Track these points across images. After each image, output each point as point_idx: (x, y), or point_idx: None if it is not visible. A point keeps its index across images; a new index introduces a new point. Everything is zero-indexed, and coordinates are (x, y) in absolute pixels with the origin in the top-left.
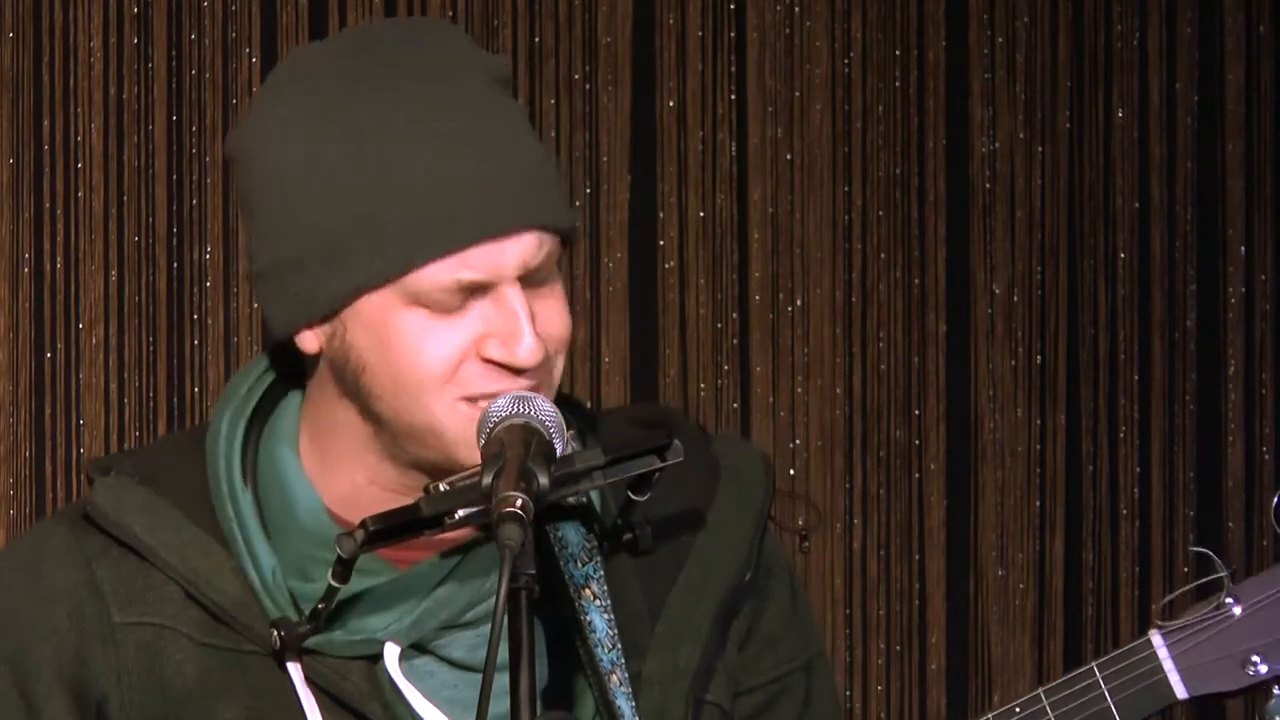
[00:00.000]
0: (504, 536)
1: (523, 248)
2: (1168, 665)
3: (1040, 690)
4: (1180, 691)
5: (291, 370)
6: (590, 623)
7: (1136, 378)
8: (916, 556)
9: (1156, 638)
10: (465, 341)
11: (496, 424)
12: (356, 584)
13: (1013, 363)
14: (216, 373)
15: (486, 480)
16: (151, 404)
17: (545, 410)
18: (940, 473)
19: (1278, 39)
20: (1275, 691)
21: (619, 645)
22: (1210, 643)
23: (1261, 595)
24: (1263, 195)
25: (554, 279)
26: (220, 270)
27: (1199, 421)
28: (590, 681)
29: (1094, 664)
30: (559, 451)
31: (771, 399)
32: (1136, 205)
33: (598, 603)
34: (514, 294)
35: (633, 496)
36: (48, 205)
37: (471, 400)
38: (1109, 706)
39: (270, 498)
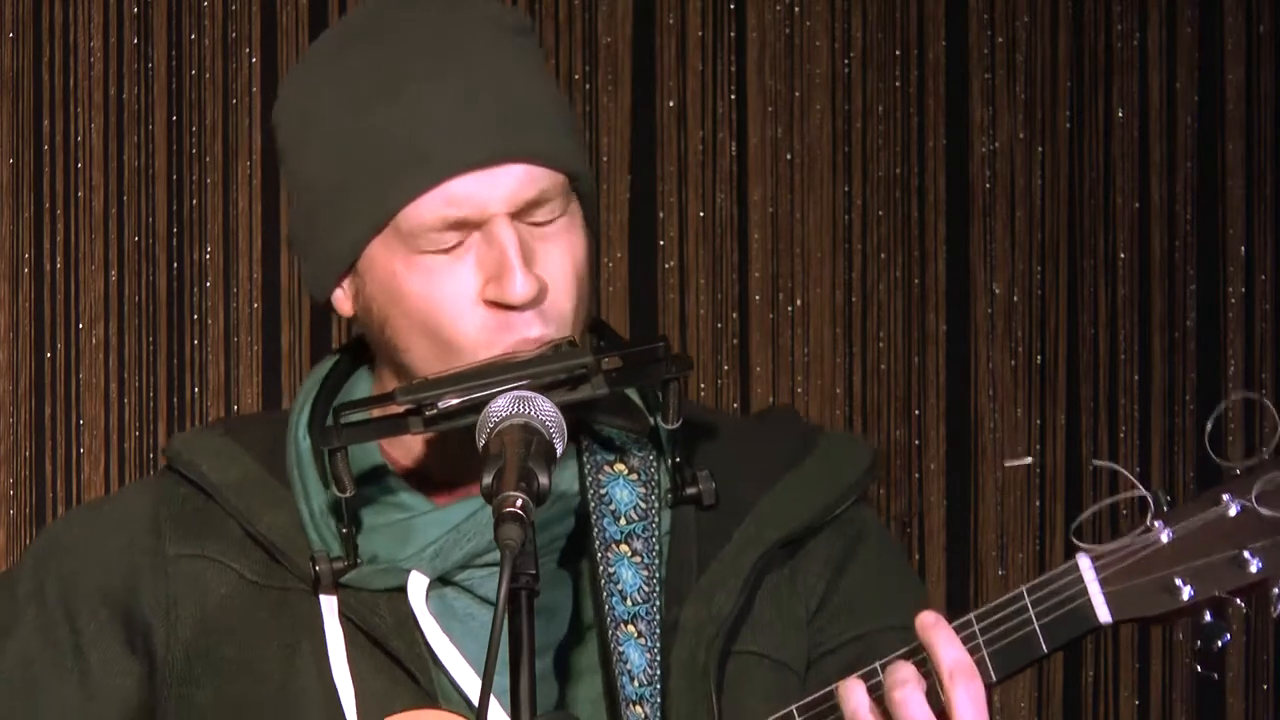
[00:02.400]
0: (504, 536)
1: (509, 181)
2: (1093, 589)
3: (972, 614)
4: (1104, 615)
5: (360, 360)
6: (614, 574)
7: (1136, 378)
8: (916, 556)
9: (1084, 560)
10: (467, 284)
11: (496, 424)
12: (390, 516)
13: (1013, 362)
14: (216, 373)
15: (487, 480)
16: (151, 404)
17: (545, 410)
18: (940, 473)
19: (1278, 39)
20: (1207, 617)
21: (655, 597)
22: (1137, 565)
23: (1192, 519)
24: (1263, 195)
25: (562, 219)
26: (220, 270)
27: (1199, 421)
28: (597, 632)
29: (1023, 587)
30: (559, 451)
31: (771, 399)
32: (1136, 205)
33: (635, 558)
34: (503, 230)
35: (663, 425)
36: (48, 205)
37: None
38: (1035, 630)
39: (342, 457)
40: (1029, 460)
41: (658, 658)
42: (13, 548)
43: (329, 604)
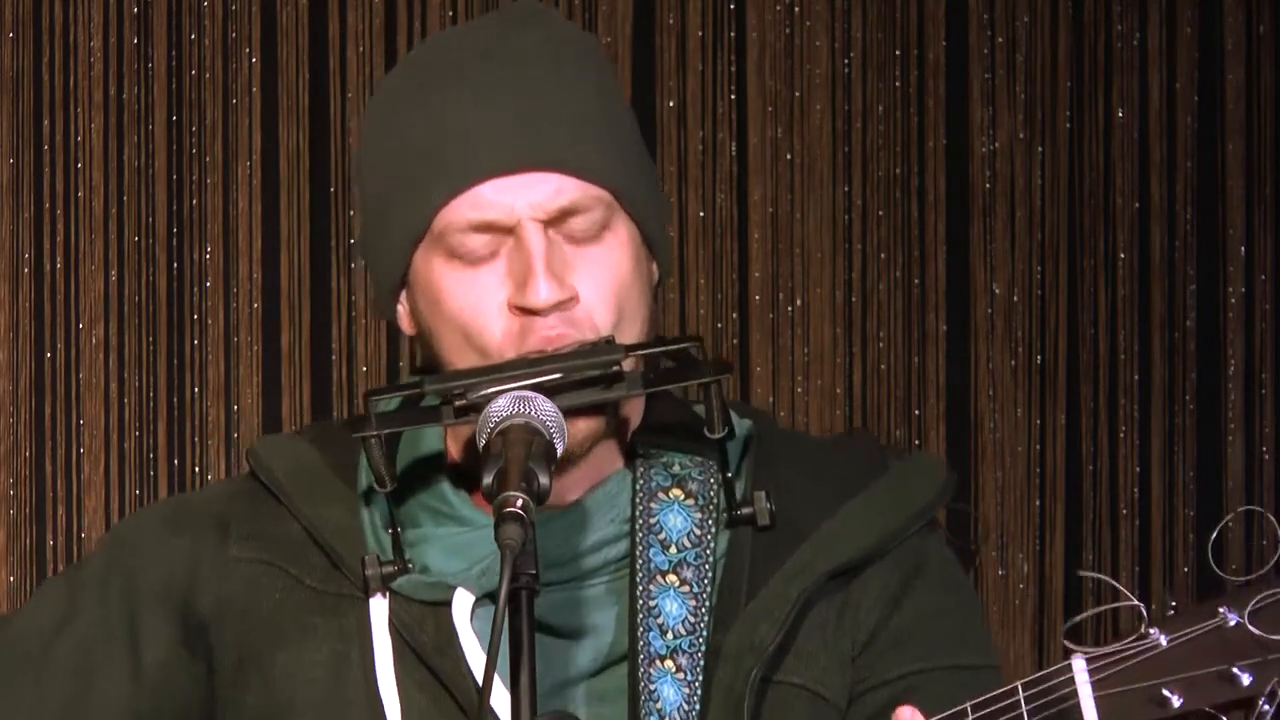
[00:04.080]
0: (504, 536)
1: (537, 189)
2: (1084, 692)
3: (968, 704)
4: (1091, 718)
5: None
6: (655, 607)
7: (1136, 378)
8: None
9: (1079, 662)
10: (495, 291)
11: (497, 424)
12: (445, 528)
13: (1013, 362)
14: (216, 373)
15: (487, 480)
16: (151, 404)
17: (545, 410)
18: None
19: (1278, 39)
20: None
21: (703, 628)
22: (1129, 672)
23: (1188, 630)
24: (1263, 195)
25: (607, 235)
26: (220, 270)
27: (1199, 421)
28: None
29: (1019, 683)
30: (559, 451)
31: (771, 399)
32: (1136, 205)
33: (684, 588)
34: (532, 236)
35: (709, 435)
36: (48, 205)
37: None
38: None
39: (403, 450)
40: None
41: (698, 691)
42: (13, 548)
43: (379, 612)
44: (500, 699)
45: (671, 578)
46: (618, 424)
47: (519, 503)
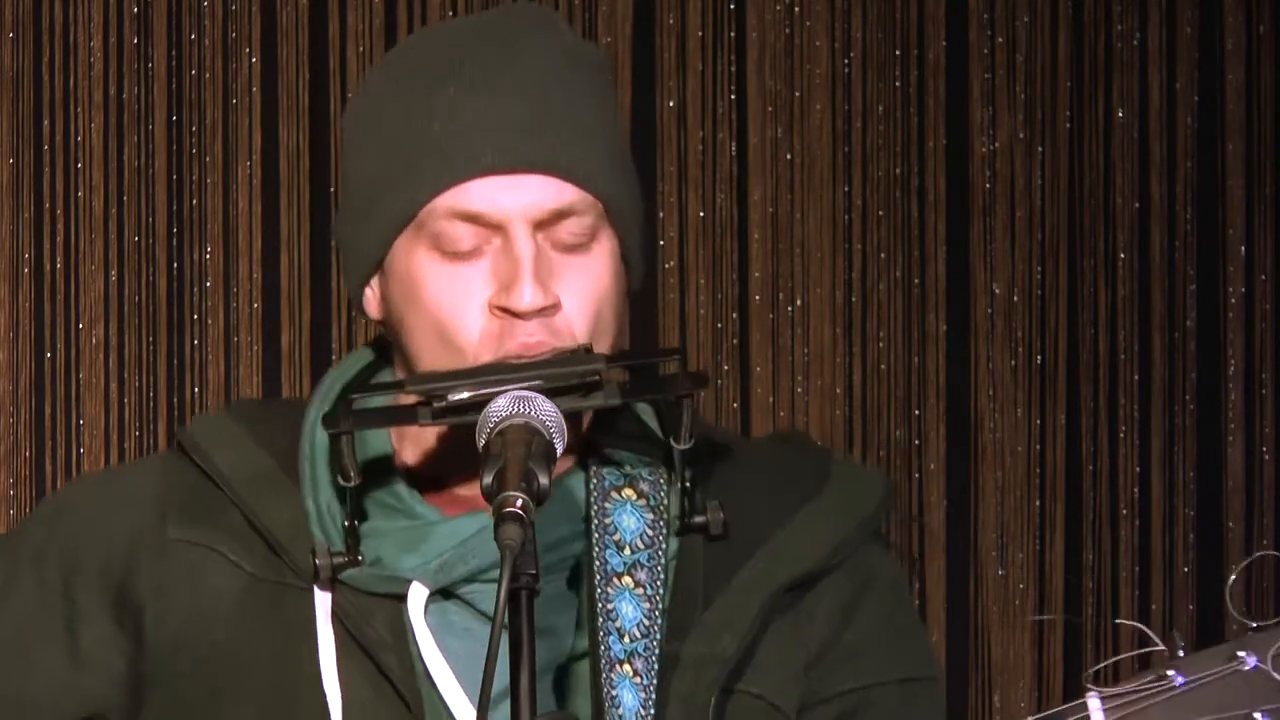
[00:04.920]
0: (504, 536)
1: (528, 190)
2: None
3: None
4: None
5: (389, 360)
6: (613, 610)
7: (1136, 378)
8: (916, 556)
9: (1094, 700)
10: (478, 289)
11: (497, 424)
12: (397, 522)
13: (1013, 363)
14: (216, 373)
15: (487, 480)
16: (151, 404)
17: (545, 410)
18: (940, 473)
19: (1278, 39)
20: None
21: (657, 631)
22: (1146, 713)
23: (1205, 671)
24: (1263, 195)
25: (591, 246)
26: (220, 270)
27: (1199, 421)
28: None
29: (1031, 719)
30: (559, 451)
31: (771, 399)
32: (1136, 205)
33: (639, 590)
34: (521, 238)
35: (674, 445)
36: (48, 205)
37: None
38: None
39: (348, 443)
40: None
41: (653, 695)
42: None
43: (323, 603)
44: (455, 699)
45: (627, 579)
46: (577, 427)
47: (519, 502)
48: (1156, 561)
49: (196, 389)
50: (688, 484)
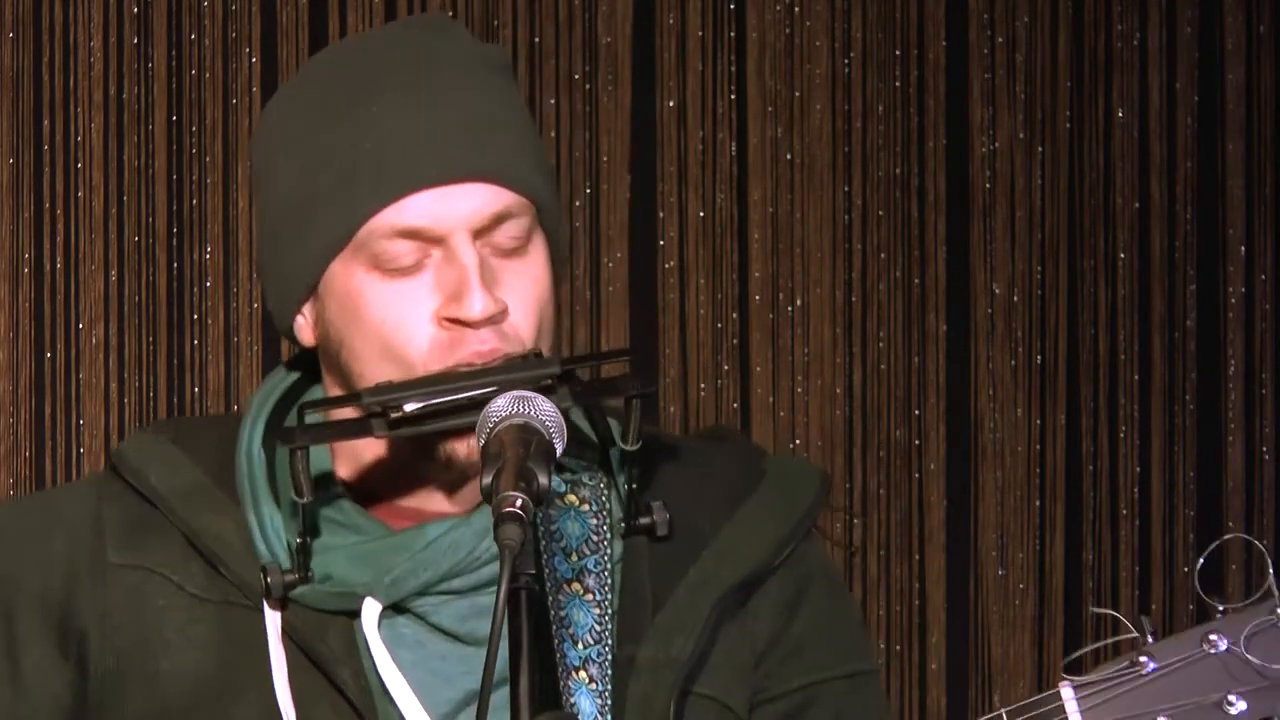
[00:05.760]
0: (504, 536)
1: (467, 199)
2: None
3: None
4: None
5: (316, 377)
6: (565, 618)
7: (1136, 378)
8: (916, 556)
9: (1066, 690)
10: (423, 303)
11: (496, 424)
12: (345, 538)
13: (1013, 362)
14: (216, 373)
15: (486, 480)
16: (151, 404)
17: (545, 410)
18: (940, 473)
19: (1278, 39)
20: None
21: (608, 636)
22: (1119, 700)
23: (1176, 657)
24: (1263, 195)
25: (528, 248)
26: (220, 270)
27: (1199, 421)
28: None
29: (1003, 710)
30: (558, 451)
31: (771, 399)
32: (1136, 205)
33: (588, 596)
34: (463, 248)
35: (624, 447)
36: (48, 205)
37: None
38: None
39: (301, 458)
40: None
41: (609, 701)
42: None
43: (274, 621)
44: (412, 712)
45: (576, 586)
46: None
47: (518, 502)
48: (1156, 561)
49: (196, 389)
50: (633, 485)
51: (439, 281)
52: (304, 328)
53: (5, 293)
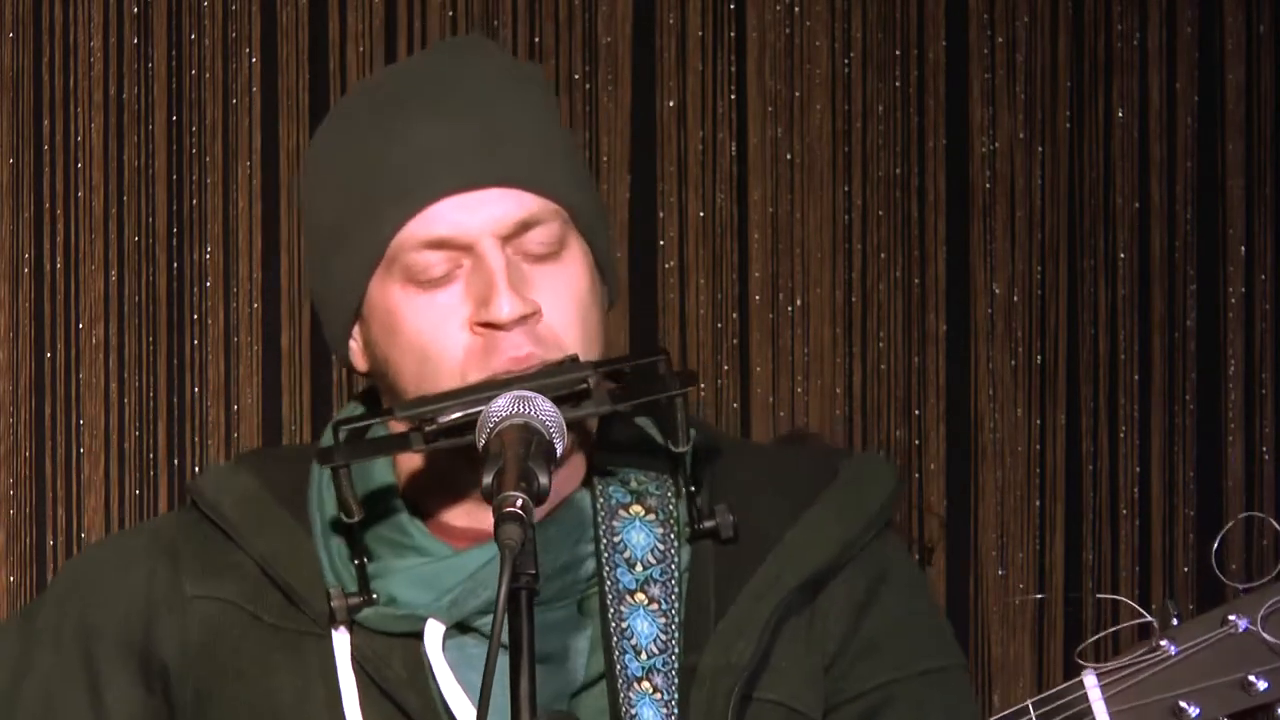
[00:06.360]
0: (504, 536)
1: (490, 206)
2: (1098, 707)
3: None
4: None
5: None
6: (627, 629)
7: (1136, 378)
8: (916, 556)
9: (1090, 678)
10: (455, 311)
11: (497, 424)
12: (408, 560)
13: (1013, 362)
14: (216, 373)
15: (487, 480)
16: (151, 404)
17: (545, 410)
18: (940, 473)
19: (1278, 39)
20: None
21: (675, 645)
22: (1143, 685)
23: (1197, 639)
24: (1263, 195)
25: (562, 254)
26: (220, 270)
27: (1199, 421)
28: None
29: (1030, 701)
30: (559, 451)
31: (771, 399)
32: (1136, 205)
33: (653, 606)
34: (491, 253)
35: (671, 449)
36: (48, 205)
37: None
38: None
39: (354, 482)
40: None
41: (674, 711)
42: (13, 548)
43: (342, 647)
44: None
45: (640, 596)
46: (580, 440)
47: (518, 502)
48: (1156, 561)
49: (196, 389)
50: (691, 488)
51: (469, 289)
52: (356, 353)
53: (5, 293)
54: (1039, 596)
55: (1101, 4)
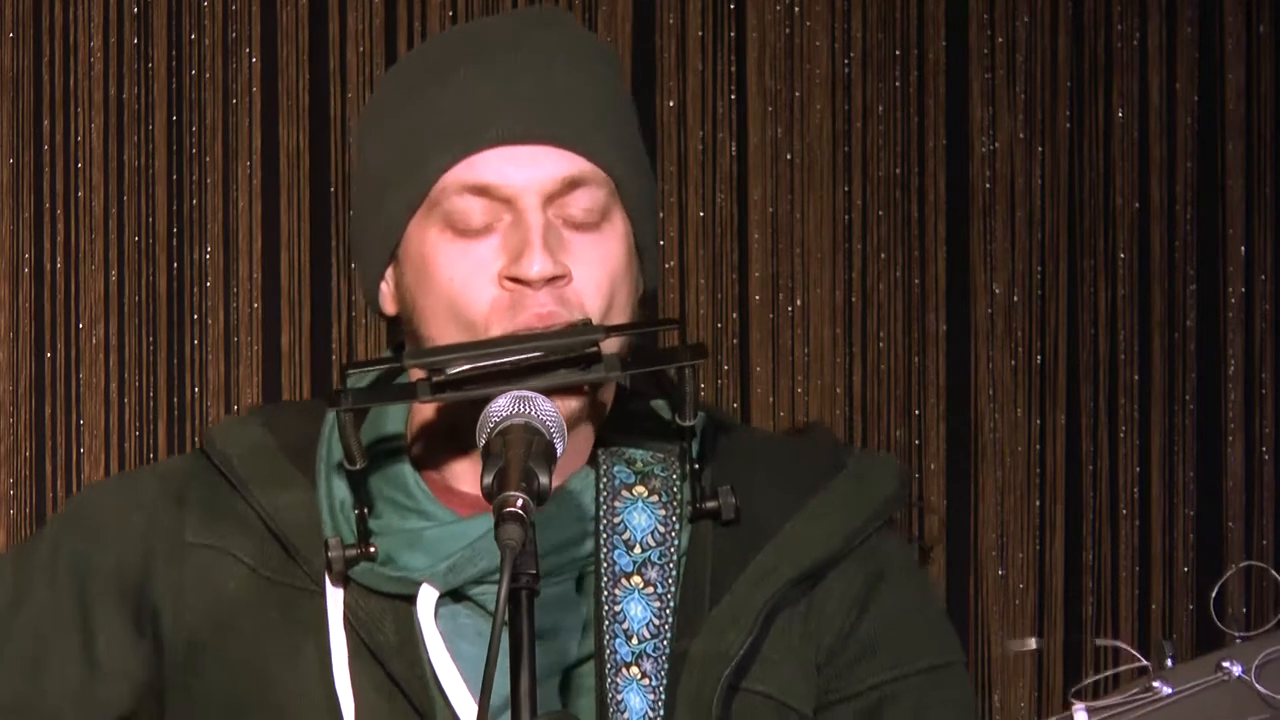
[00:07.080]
0: (504, 536)
1: (538, 162)
2: None
3: None
4: None
5: None
6: (620, 612)
7: (1136, 378)
8: (915, 557)
9: (1080, 714)
10: (487, 263)
11: (497, 424)
12: (410, 522)
13: (1013, 363)
14: (216, 373)
15: (487, 480)
16: (151, 404)
17: (545, 410)
18: (940, 473)
19: (1278, 39)
20: None
21: (668, 630)
22: None
23: (1191, 683)
24: (1263, 195)
25: (603, 225)
26: (220, 270)
27: (1199, 421)
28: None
29: None
30: (559, 451)
31: (771, 399)
32: (1136, 205)
33: (649, 589)
34: (531, 211)
35: (679, 422)
36: (48, 205)
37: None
38: None
39: (365, 431)
40: (1033, 645)
41: (662, 697)
42: None
43: (336, 606)
44: (464, 705)
45: (636, 579)
46: (591, 412)
47: (519, 502)
48: (1156, 561)
49: (196, 389)
50: (695, 465)
51: (505, 243)
52: (386, 296)
53: (5, 293)
54: (1035, 643)
55: (1101, 4)
